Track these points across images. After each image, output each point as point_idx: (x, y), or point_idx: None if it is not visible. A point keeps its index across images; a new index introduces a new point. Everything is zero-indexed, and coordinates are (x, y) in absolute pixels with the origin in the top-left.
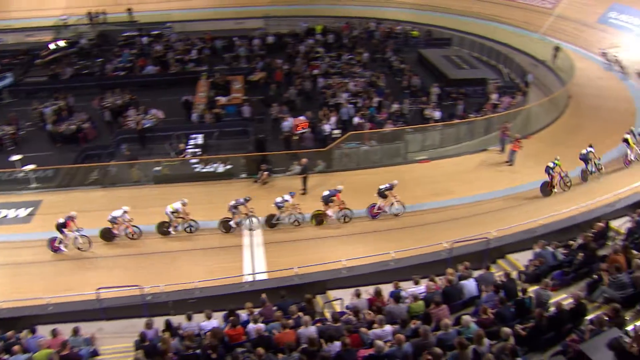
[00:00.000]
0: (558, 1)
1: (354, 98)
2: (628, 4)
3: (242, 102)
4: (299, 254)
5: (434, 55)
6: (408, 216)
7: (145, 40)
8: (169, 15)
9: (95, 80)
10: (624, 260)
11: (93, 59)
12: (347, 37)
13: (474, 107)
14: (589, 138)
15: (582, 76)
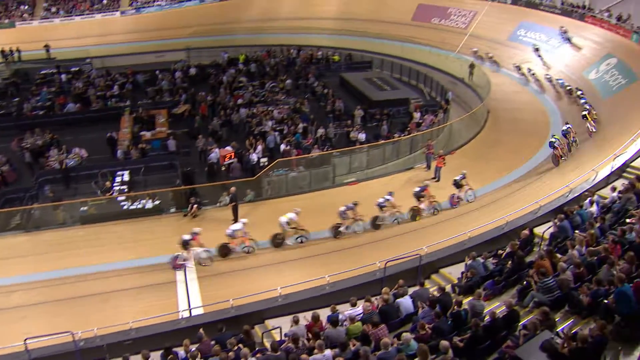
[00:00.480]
0: (471, 21)
1: (279, 125)
2: (534, 22)
3: (167, 136)
4: (234, 285)
5: (355, 78)
6: (341, 239)
7: (64, 78)
8: (88, 51)
9: (13, 121)
10: (550, 265)
11: (9, 99)
12: (269, 65)
13: (398, 127)
14: (509, 150)
15: (498, 91)
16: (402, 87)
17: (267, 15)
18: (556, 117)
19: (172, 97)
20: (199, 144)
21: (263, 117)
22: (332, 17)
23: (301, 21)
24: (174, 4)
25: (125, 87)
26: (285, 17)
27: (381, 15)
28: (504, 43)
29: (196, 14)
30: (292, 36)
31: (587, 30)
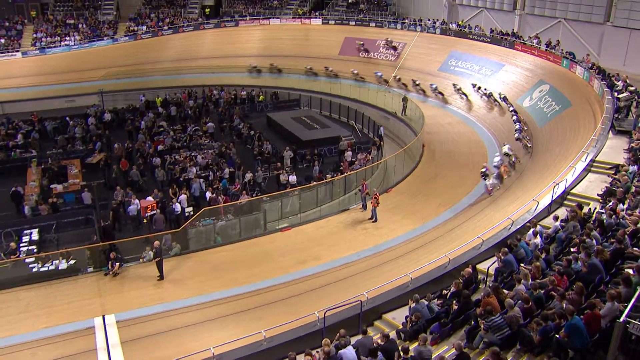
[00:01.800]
0: (400, 53)
1: (204, 171)
2: (464, 51)
3: (81, 188)
4: (162, 348)
5: (283, 118)
6: (276, 289)
7: None
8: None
9: None
10: (497, 302)
11: None
12: (190, 108)
13: (331, 167)
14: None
15: (432, 124)
16: (333, 125)
17: (185, 54)
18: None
19: (85, 146)
20: (117, 195)
21: (186, 163)
22: (255, 55)
23: (222, 60)
24: (83, 44)
25: (30, 135)
26: (205, 55)
27: (306, 50)
28: (434, 74)
29: (109, 54)
30: (214, 76)
31: (518, 57)
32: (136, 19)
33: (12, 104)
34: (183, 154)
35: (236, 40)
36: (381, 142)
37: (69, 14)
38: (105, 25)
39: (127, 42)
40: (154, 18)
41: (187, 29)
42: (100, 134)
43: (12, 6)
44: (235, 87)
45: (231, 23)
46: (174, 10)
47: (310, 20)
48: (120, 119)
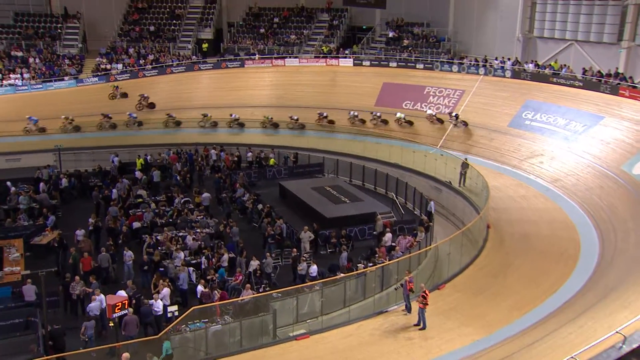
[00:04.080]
0: (457, 103)
1: (195, 258)
2: (545, 100)
3: (22, 278)
4: None
5: (301, 188)
6: None
7: None
8: None
9: None
10: None
11: None
12: (179, 173)
13: (363, 254)
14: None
15: (500, 197)
16: (366, 198)
17: (174, 102)
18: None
19: (32, 221)
20: (75, 289)
21: (171, 246)
22: (265, 105)
23: (222, 110)
24: (35, 84)
25: None
26: (201, 104)
27: (333, 100)
28: (503, 130)
29: (70, 99)
30: (212, 132)
31: (625, 106)
32: (109, 54)
33: None
34: (167, 234)
35: (241, 85)
36: (431, 221)
37: (16, 43)
38: (66, 61)
39: (95, 85)
40: (133, 54)
41: (177, 69)
42: (55, 205)
43: None
44: (238, 147)
45: (235, 63)
46: (159, 44)
47: (338, 61)
48: (84, 185)
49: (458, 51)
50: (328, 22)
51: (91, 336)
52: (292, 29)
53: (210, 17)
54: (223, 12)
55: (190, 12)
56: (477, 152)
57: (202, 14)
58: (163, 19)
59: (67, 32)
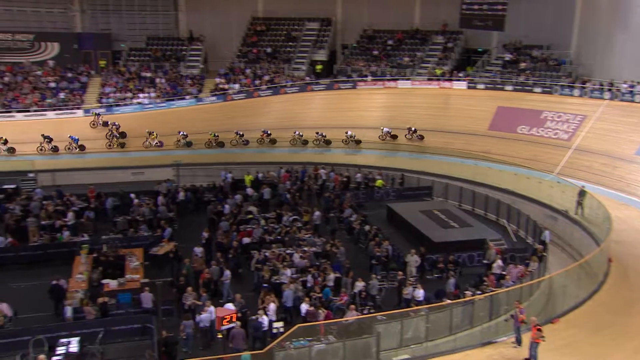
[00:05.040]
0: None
1: (302, 275)
2: None
3: (140, 286)
4: None
5: (409, 211)
6: None
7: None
8: (32, 162)
9: None
10: None
11: None
12: (288, 191)
13: (471, 281)
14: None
15: (624, 230)
16: (476, 224)
17: (286, 121)
18: None
19: (151, 232)
20: (187, 299)
21: (279, 263)
22: (376, 126)
23: (333, 130)
24: (159, 103)
25: (84, 214)
26: (312, 124)
27: (444, 123)
28: (629, 158)
29: (190, 117)
30: (322, 152)
31: None
32: (227, 74)
33: (66, 174)
34: (276, 251)
35: (352, 106)
36: (545, 251)
37: (146, 65)
38: (188, 81)
39: (214, 104)
40: (249, 75)
41: (290, 89)
42: (172, 218)
43: (79, 54)
44: (347, 168)
45: (347, 84)
46: (275, 65)
47: (452, 83)
48: (199, 199)
49: (580, 75)
50: (442, 45)
51: (189, 334)
52: (406, 51)
53: (325, 39)
54: (337, 35)
55: (305, 34)
56: (599, 180)
57: (317, 36)
58: (279, 41)
59: (191, 54)
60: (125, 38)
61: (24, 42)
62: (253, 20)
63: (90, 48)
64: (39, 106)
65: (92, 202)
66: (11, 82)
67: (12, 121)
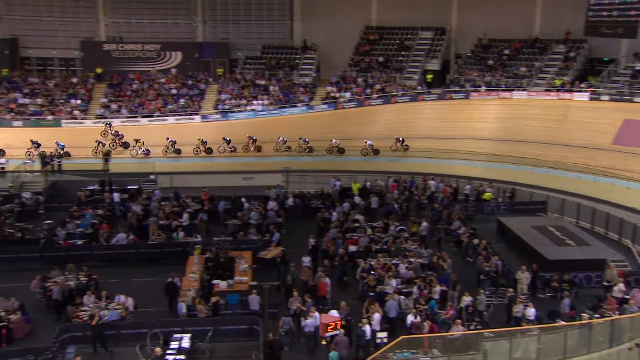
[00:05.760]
0: None
1: (407, 286)
2: None
3: (249, 288)
4: None
5: (521, 226)
6: None
7: (117, 198)
8: (153, 165)
9: (39, 251)
10: None
11: (39, 221)
12: (397, 201)
13: (588, 303)
14: None
15: None
16: (595, 243)
17: (395, 130)
18: None
19: (260, 236)
20: (293, 303)
21: (384, 272)
22: (487, 138)
23: (443, 141)
24: (272, 110)
25: (198, 216)
26: (421, 134)
27: (562, 136)
28: None
29: (301, 124)
30: (430, 162)
31: None
32: (339, 83)
33: (182, 177)
34: (381, 260)
35: (464, 116)
36: None
37: (260, 73)
38: (300, 89)
39: (324, 111)
40: (361, 83)
41: (401, 99)
42: (280, 223)
43: (199, 62)
44: (457, 179)
45: (460, 94)
46: (387, 75)
47: (572, 95)
48: (307, 206)
49: None
50: (563, 54)
51: (287, 330)
52: (523, 61)
53: (438, 49)
54: (451, 44)
55: (419, 43)
56: None
57: (430, 45)
58: (392, 50)
59: (304, 62)
60: (242, 47)
61: (151, 52)
62: (366, 29)
63: (209, 57)
64: (161, 112)
65: (206, 204)
66: (138, 89)
67: (137, 125)
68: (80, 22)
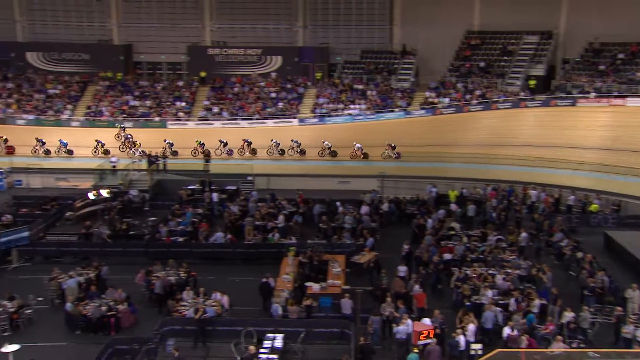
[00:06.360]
0: None
1: (504, 298)
2: None
3: (341, 292)
4: None
5: (631, 240)
6: None
7: (215, 198)
8: (251, 166)
9: (143, 247)
10: None
11: (144, 217)
12: (496, 210)
13: None
14: None
15: None
16: None
17: (496, 138)
18: None
19: (354, 240)
20: (385, 309)
21: (479, 282)
22: (598, 147)
23: (546, 150)
24: (369, 115)
25: (293, 218)
26: (523, 142)
27: None
28: None
29: (397, 129)
30: (532, 170)
31: None
32: (438, 88)
33: (278, 179)
34: (477, 270)
35: (570, 124)
36: None
37: (359, 77)
38: (398, 94)
39: (422, 117)
40: (460, 89)
41: (502, 105)
42: (375, 228)
43: (298, 66)
44: (561, 189)
45: (566, 101)
46: (488, 80)
47: None
48: (401, 212)
49: None
50: None
51: (376, 330)
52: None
53: (544, 53)
54: (558, 48)
55: (523, 47)
56: None
57: (535, 50)
58: (494, 55)
59: (403, 67)
60: (341, 51)
61: (253, 56)
62: (468, 34)
63: (308, 61)
64: (261, 115)
65: (301, 207)
66: (239, 93)
67: (237, 128)
68: (188, 28)
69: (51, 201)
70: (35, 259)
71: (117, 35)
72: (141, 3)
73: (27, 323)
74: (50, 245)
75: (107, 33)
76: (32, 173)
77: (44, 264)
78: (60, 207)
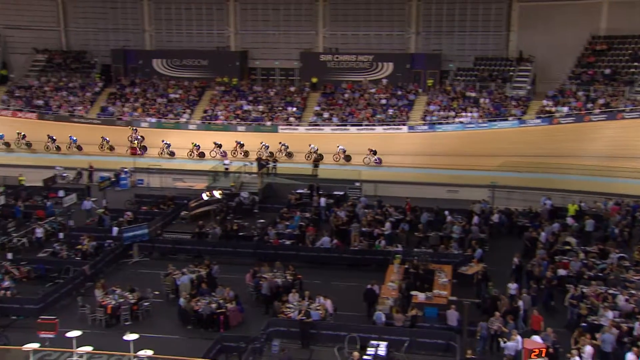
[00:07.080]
0: None
1: (626, 321)
2: None
3: (447, 303)
4: None
5: None
6: None
7: (323, 202)
8: (359, 172)
9: (252, 248)
10: None
11: (253, 219)
12: (617, 225)
13: None
14: None
15: None
16: None
17: (619, 149)
18: None
19: (462, 250)
20: (493, 324)
21: (599, 302)
22: None
23: None
24: (481, 123)
25: (400, 226)
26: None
27: None
28: None
29: (511, 139)
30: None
31: None
32: (556, 97)
33: (386, 185)
34: (595, 289)
35: None
36: None
37: (471, 84)
38: (513, 102)
39: (537, 126)
40: (581, 97)
41: (628, 114)
42: (484, 239)
43: (409, 73)
44: None
45: None
46: (613, 88)
47: None
48: (512, 224)
49: None
50: None
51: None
52: None
53: None
54: None
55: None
56: None
57: None
58: (622, 61)
59: (519, 75)
60: (454, 58)
61: (364, 63)
62: (592, 39)
63: (420, 68)
64: (370, 121)
65: (408, 214)
66: (350, 99)
67: (346, 134)
68: (301, 35)
69: (168, 200)
70: (153, 255)
71: (234, 42)
72: (257, 11)
73: (145, 315)
74: (167, 243)
75: (225, 40)
76: (152, 173)
77: (160, 259)
78: (176, 206)
